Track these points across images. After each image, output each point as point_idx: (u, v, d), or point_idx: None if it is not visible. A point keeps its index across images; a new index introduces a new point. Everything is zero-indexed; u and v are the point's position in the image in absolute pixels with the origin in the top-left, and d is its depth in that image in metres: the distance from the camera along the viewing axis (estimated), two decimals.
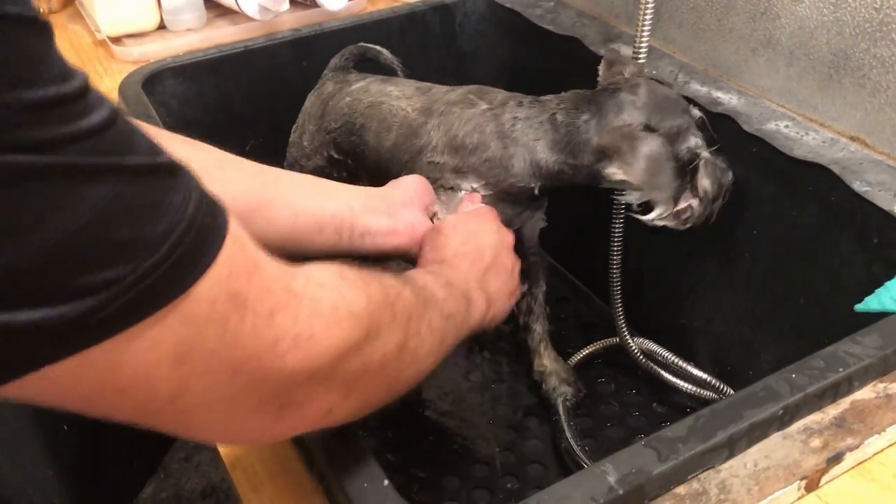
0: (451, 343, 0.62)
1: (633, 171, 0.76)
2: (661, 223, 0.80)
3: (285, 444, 0.63)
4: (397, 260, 0.94)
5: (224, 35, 1.18)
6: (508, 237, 0.78)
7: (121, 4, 1.16)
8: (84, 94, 0.33)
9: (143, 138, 0.36)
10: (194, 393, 0.39)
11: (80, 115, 0.33)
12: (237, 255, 0.39)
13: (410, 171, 0.84)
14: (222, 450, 0.65)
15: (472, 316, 0.67)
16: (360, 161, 0.93)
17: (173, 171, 0.37)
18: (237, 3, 1.16)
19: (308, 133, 1.00)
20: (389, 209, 0.76)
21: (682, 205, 0.79)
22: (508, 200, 0.83)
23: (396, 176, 0.82)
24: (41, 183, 0.31)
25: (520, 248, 0.91)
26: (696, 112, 0.81)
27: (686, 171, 0.78)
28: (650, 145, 0.76)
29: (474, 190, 0.82)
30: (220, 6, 1.22)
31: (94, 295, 0.33)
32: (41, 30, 0.32)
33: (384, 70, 1.03)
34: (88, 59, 1.18)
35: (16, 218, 0.30)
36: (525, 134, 0.80)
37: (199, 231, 0.37)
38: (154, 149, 0.36)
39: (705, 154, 0.79)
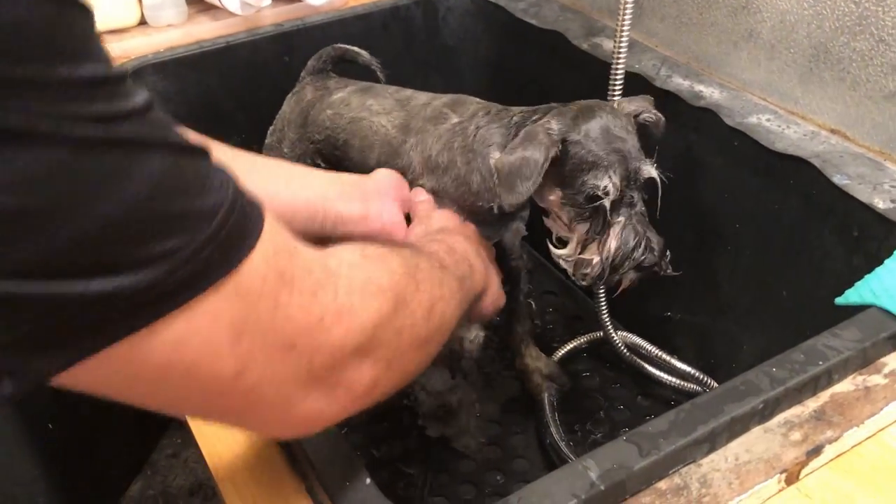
0: (466, 304, 0.65)
1: (498, 166, 0.72)
2: (563, 264, 0.76)
3: (268, 443, 0.63)
4: None
5: (206, 30, 1.17)
6: (490, 250, 0.79)
7: (101, 0, 1.15)
8: (125, 77, 0.35)
9: (175, 124, 0.38)
10: (255, 371, 0.40)
11: (127, 95, 0.34)
12: (278, 236, 0.42)
13: None
14: (205, 449, 0.64)
15: (475, 282, 0.70)
16: (345, 171, 0.93)
17: (207, 155, 0.39)
18: None
19: (288, 140, 0.99)
20: (362, 196, 0.77)
21: (586, 255, 0.73)
22: (482, 222, 0.82)
23: None
24: (102, 154, 0.32)
25: (501, 257, 0.91)
26: (648, 171, 0.72)
27: (598, 218, 0.72)
28: (527, 151, 0.70)
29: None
30: (200, 1, 1.21)
31: (157, 264, 0.34)
32: (87, 12, 0.33)
33: (364, 70, 1.03)
34: None
35: (81, 188, 0.31)
36: (482, 142, 0.78)
37: (242, 210, 0.38)
38: (184, 134, 0.38)
39: (621, 218, 0.71)
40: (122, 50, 1.14)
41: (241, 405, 0.42)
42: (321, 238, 0.76)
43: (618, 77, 0.87)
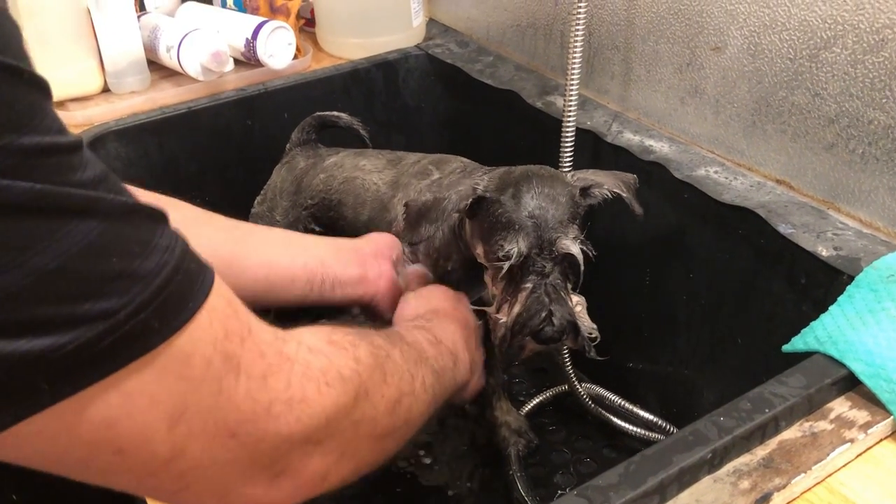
0: (441, 399, 0.63)
1: (409, 205, 0.73)
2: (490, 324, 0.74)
3: None
4: (355, 312, 0.94)
5: (168, 96, 1.18)
6: (476, 321, 0.78)
7: (64, 68, 1.16)
8: (79, 149, 0.35)
9: (126, 190, 0.38)
10: (191, 456, 0.39)
11: (75, 167, 0.35)
12: (230, 318, 0.41)
13: None
14: None
15: (458, 374, 0.68)
16: (339, 234, 0.94)
17: (160, 219, 0.38)
18: (181, 65, 1.17)
19: (281, 208, 1.00)
20: (359, 260, 0.78)
21: (499, 315, 0.71)
22: (459, 280, 0.82)
23: None
24: (36, 216, 0.33)
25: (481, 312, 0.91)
26: (566, 245, 0.69)
27: (512, 281, 0.70)
28: (437, 195, 0.71)
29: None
30: (164, 68, 1.23)
31: (91, 324, 0.34)
32: (39, 85, 0.34)
33: (346, 134, 1.05)
34: None
35: (12, 245, 0.32)
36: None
37: (187, 274, 0.38)
38: (139, 199, 0.38)
39: (528, 285, 0.69)
40: (86, 117, 1.15)
41: (174, 487, 0.41)
42: (319, 302, 0.76)
43: (568, 133, 0.90)
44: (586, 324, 0.71)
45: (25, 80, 0.33)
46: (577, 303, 0.71)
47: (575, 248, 0.69)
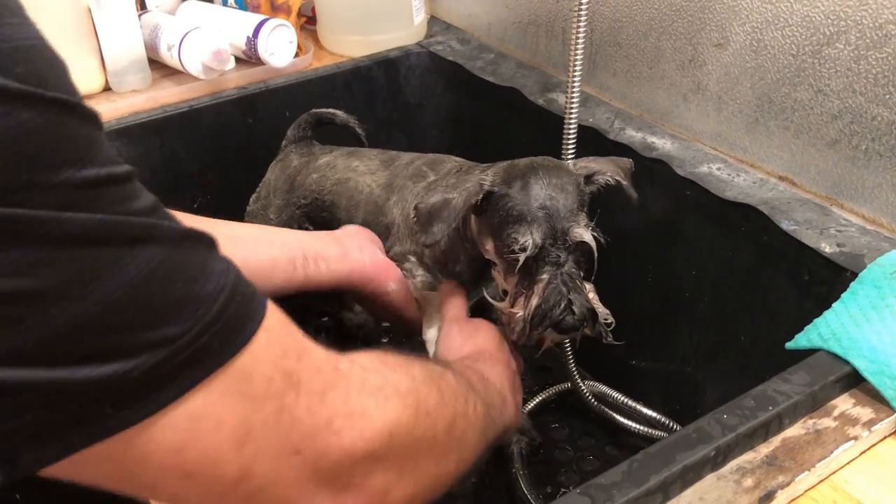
0: (490, 434, 0.61)
1: (419, 206, 0.72)
2: (501, 318, 0.74)
3: None
4: (357, 310, 0.93)
5: (169, 95, 1.18)
6: (520, 362, 0.77)
7: None
8: (133, 178, 0.36)
9: (177, 218, 0.39)
10: (258, 475, 0.39)
11: (132, 196, 0.35)
12: (286, 337, 0.41)
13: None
14: None
15: (506, 414, 0.67)
16: None
17: (211, 243, 0.39)
18: (182, 64, 1.17)
19: (274, 206, 1.00)
20: (336, 240, 0.78)
21: (515, 309, 0.70)
22: (468, 281, 0.82)
23: None
24: (99, 245, 0.33)
25: (485, 312, 0.91)
26: (579, 233, 0.69)
27: (526, 273, 0.70)
28: (449, 195, 0.71)
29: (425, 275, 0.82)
30: (165, 67, 1.23)
31: (154, 351, 0.34)
32: (92, 118, 0.35)
33: (343, 131, 1.05)
34: None
35: (77, 276, 0.32)
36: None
37: (244, 296, 0.39)
38: (185, 224, 0.38)
39: (545, 276, 0.68)
40: None
41: None
42: (305, 283, 0.75)
43: (571, 130, 0.89)
44: (601, 310, 0.71)
45: (79, 115, 0.34)
46: (590, 290, 0.71)
47: (588, 236, 0.69)
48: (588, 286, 0.72)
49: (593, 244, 0.70)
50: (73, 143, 0.33)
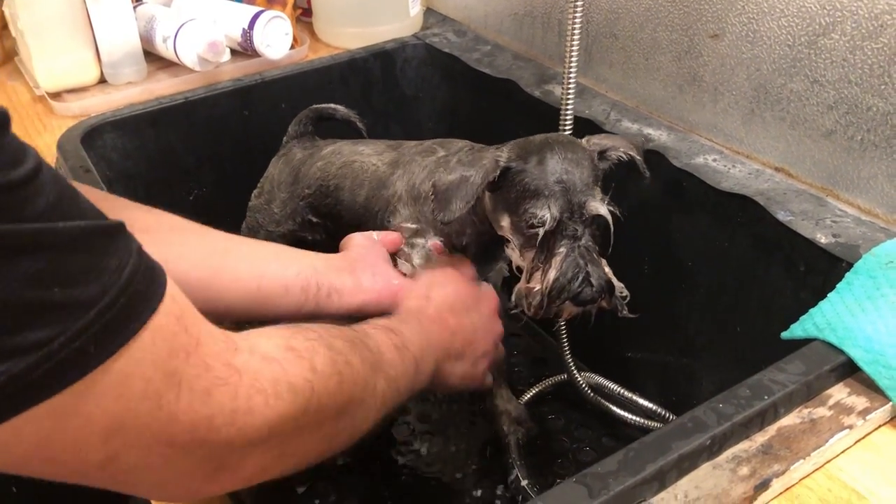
0: (391, 406, 0.63)
1: (437, 183, 0.73)
2: (516, 302, 0.74)
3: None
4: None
5: (164, 87, 1.18)
6: (499, 329, 0.78)
7: (60, 59, 1.16)
8: (32, 178, 0.35)
9: (88, 204, 0.38)
10: (125, 461, 0.39)
11: (27, 199, 0.34)
12: (178, 334, 0.41)
13: (383, 223, 0.85)
14: None
15: (418, 382, 0.68)
16: (337, 221, 0.93)
17: (112, 234, 0.38)
18: (177, 55, 1.17)
19: (279, 200, 1.00)
20: (350, 268, 0.76)
21: (532, 284, 0.71)
22: (469, 257, 0.82)
23: (373, 230, 0.83)
24: None
25: None
26: (595, 207, 0.70)
27: (543, 247, 0.71)
28: (467, 171, 0.71)
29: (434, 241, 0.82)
30: (160, 59, 1.23)
31: (24, 355, 0.34)
32: None
33: (343, 126, 1.05)
34: (27, 115, 1.18)
35: None
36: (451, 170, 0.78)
37: (133, 296, 0.38)
38: (96, 213, 0.38)
39: (562, 249, 0.70)
40: (82, 108, 1.15)
41: (107, 483, 0.41)
42: (315, 313, 0.73)
43: (567, 122, 0.89)
44: (617, 284, 0.72)
45: None
46: (604, 264, 0.72)
47: (604, 209, 0.71)
48: (602, 260, 0.73)
49: (609, 217, 0.71)
50: None
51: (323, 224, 0.96)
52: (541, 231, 0.69)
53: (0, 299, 0.33)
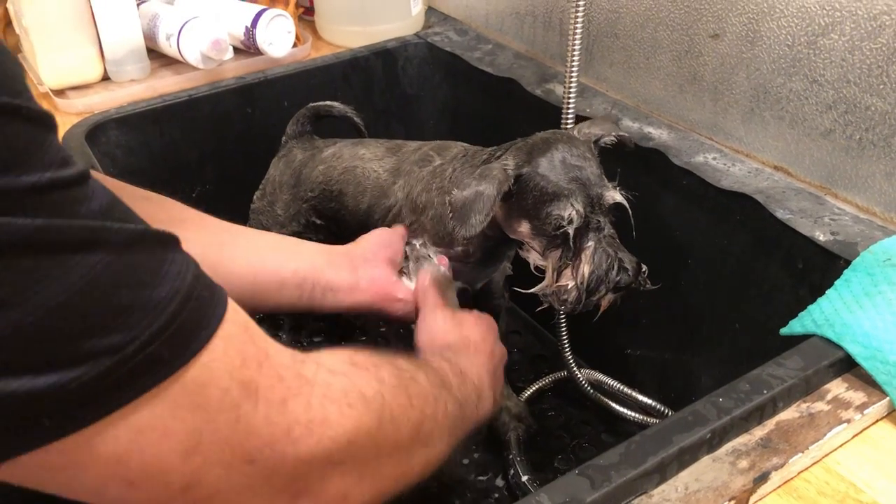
0: (461, 431, 0.61)
1: (453, 201, 0.73)
2: (543, 299, 0.76)
3: None
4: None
5: (168, 84, 1.19)
6: (503, 352, 0.78)
7: (63, 56, 1.16)
8: (84, 180, 0.34)
9: (136, 215, 0.37)
10: (207, 484, 0.38)
11: (80, 200, 0.34)
12: (246, 344, 0.40)
13: None
14: None
15: (481, 409, 0.67)
16: (341, 224, 0.94)
17: (170, 243, 0.37)
18: (180, 53, 1.18)
19: (281, 202, 1.00)
20: (351, 265, 0.76)
21: (563, 282, 0.73)
22: (465, 262, 0.83)
23: None
24: (36, 251, 0.32)
25: (486, 295, 0.92)
26: (611, 196, 0.73)
27: (569, 244, 0.73)
28: (480, 186, 0.71)
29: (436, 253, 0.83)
30: (163, 56, 1.23)
31: (97, 360, 0.32)
32: (39, 120, 0.34)
33: (341, 123, 1.05)
34: None
35: (9, 285, 0.31)
36: (455, 183, 0.79)
37: (200, 301, 0.37)
38: (146, 223, 0.37)
39: (590, 243, 0.72)
40: (85, 105, 1.15)
41: None
42: (309, 308, 0.74)
43: (568, 120, 0.90)
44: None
45: (23, 117, 0.33)
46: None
47: (619, 196, 0.73)
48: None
49: (626, 203, 0.74)
50: (10, 149, 0.32)
51: (327, 226, 0.97)
52: (571, 230, 0.71)
53: (64, 301, 0.32)
